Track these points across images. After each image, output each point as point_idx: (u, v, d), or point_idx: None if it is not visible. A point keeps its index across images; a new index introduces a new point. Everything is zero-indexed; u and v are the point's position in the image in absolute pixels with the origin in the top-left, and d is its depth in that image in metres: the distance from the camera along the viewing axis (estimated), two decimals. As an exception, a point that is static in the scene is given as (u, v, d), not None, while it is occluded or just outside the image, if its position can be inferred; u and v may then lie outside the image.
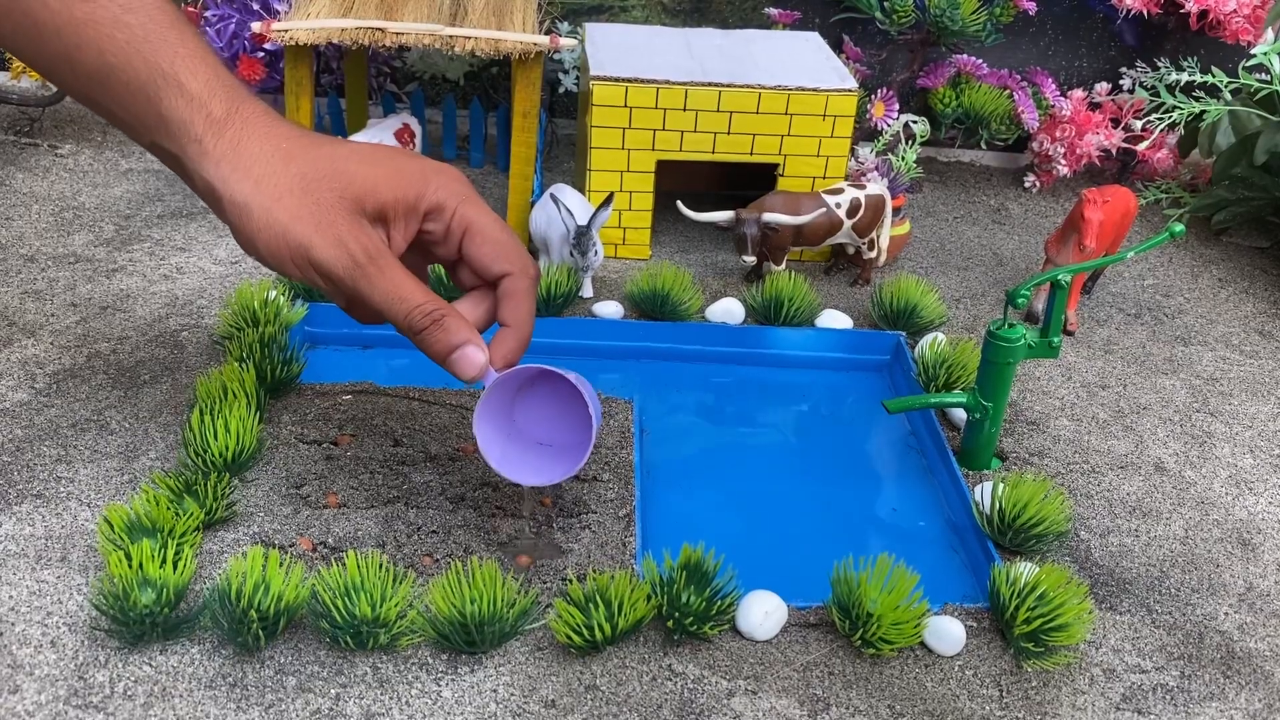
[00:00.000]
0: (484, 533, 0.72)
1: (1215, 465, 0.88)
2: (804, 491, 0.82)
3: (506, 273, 0.64)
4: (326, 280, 0.60)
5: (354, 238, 0.60)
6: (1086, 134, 1.28)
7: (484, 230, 0.63)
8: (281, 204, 0.59)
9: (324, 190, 0.59)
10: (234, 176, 0.59)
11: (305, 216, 0.59)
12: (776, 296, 0.97)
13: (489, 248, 0.64)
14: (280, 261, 0.60)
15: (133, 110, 0.60)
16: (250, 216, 0.59)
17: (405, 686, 0.62)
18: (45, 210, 1.10)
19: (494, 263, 0.64)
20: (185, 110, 0.59)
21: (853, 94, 1.04)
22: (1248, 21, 1.23)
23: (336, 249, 0.59)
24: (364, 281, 0.60)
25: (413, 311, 0.61)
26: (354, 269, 0.59)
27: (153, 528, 0.66)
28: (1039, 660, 0.66)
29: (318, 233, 0.59)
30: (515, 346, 0.65)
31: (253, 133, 0.60)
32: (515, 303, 0.64)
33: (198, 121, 0.60)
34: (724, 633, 0.66)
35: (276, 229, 0.59)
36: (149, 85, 0.59)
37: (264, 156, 0.60)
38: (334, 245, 0.59)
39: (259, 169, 0.59)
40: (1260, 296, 1.16)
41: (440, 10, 1.01)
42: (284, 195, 0.59)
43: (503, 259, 0.64)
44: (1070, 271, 0.79)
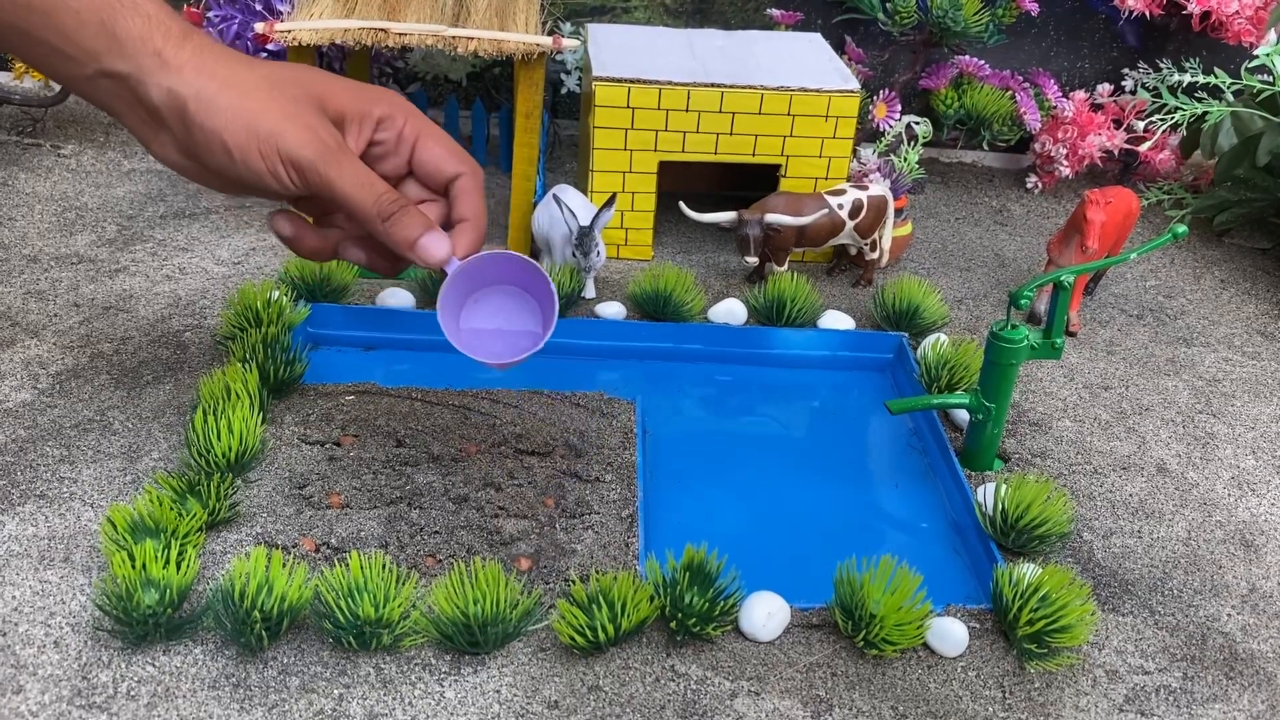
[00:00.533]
0: (487, 533, 0.72)
1: (1218, 466, 0.88)
2: (807, 492, 0.82)
3: (459, 172, 0.66)
4: (293, 168, 0.61)
5: (321, 126, 0.62)
6: (1089, 135, 1.28)
7: (435, 135, 0.66)
8: (250, 97, 0.60)
9: (290, 88, 0.62)
10: (198, 79, 0.60)
11: (274, 108, 0.61)
12: (779, 297, 0.97)
13: (442, 149, 0.66)
14: (246, 153, 0.60)
15: (77, 38, 0.59)
16: (218, 110, 0.60)
17: (408, 687, 0.62)
18: (48, 210, 1.10)
19: (447, 163, 0.66)
20: (143, 27, 0.60)
21: (855, 95, 1.04)
22: (1250, 23, 1.23)
23: (308, 134, 0.61)
24: (334, 167, 0.61)
25: (382, 196, 0.63)
26: (325, 153, 0.61)
27: (156, 528, 0.66)
28: (1042, 661, 0.66)
29: (288, 121, 0.61)
30: (475, 237, 0.67)
31: (211, 45, 0.62)
32: (469, 199, 0.67)
33: (156, 36, 0.60)
34: (727, 633, 0.66)
35: (246, 119, 0.60)
36: (102, 8, 0.59)
37: (228, 60, 0.61)
38: (305, 131, 0.61)
39: (224, 71, 0.61)
40: (1262, 298, 1.16)
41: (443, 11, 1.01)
42: (252, 90, 0.61)
43: (455, 160, 0.66)
44: (1073, 273, 0.79)
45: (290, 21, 0.97)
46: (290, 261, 0.95)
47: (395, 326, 0.93)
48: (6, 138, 1.25)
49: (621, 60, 1.05)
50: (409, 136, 0.66)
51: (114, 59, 0.60)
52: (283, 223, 0.67)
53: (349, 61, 1.20)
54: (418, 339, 0.94)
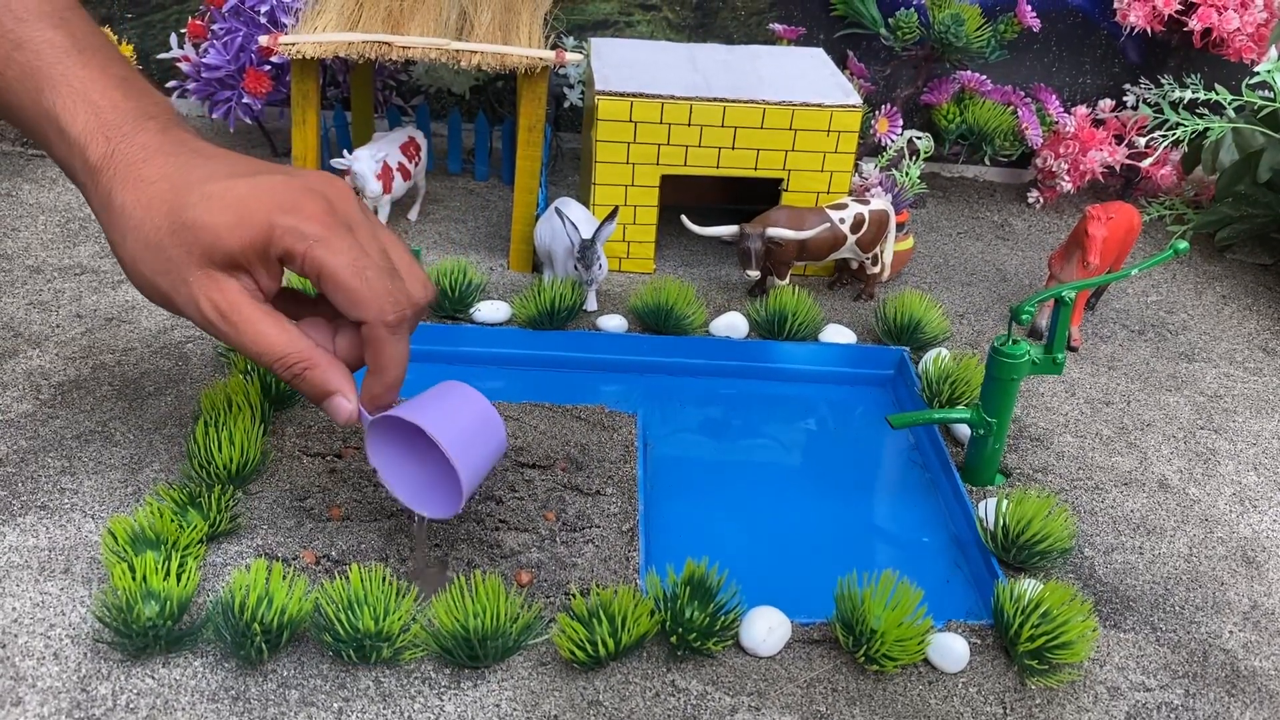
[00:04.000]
0: (487, 547, 0.72)
1: (1219, 482, 0.88)
2: (808, 507, 0.82)
3: (363, 319, 0.61)
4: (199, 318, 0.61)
5: (205, 295, 0.60)
6: (1090, 150, 1.29)
7: (333, 277, 0.60)
8: (144, 261, 0.60)
9: (174, 248, 0.60)
10: (111, 225, 0.61)
11: (161, 274, 0.60)
12: (780, 311, 0.97)
13: (340, 295, 0.61)
14: (152, 296, 0.62)
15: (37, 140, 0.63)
16: (126, 266, 0.62)
17: (408, 701, 0.61)
18: (51, 221, 1.11)
19: (349, 310, 0.61)
20: (68, 154, 0.61)
21: (857, 110, 1.04)
22: (1251, 40, 1.24)
23: (192, 307, 0.60)
24: (229, 334, 0.61)
25: (276, 363, 0.61)
26: (213, 325, 0.61)
27: (156, 540, 0.66)
28: (1043, 678, 0.66)
29: (174, 291, 0.60)
30: (380, 391, 0.64)
31: (122, 182, 0.60)
32: (375, 349, 0.63)
33: (78, 168, 0.61)
34: (727, 648, 0.66)
35: (145, 281, 0.61)
36: (40, 125, 0.62)
37: (129, 208, 0.60)
38: (189, 303, 0.60)
39: (124, 223, 0.60)
40: (1264, 313, 1.16)
41: (446, 24, 1.01)
42: (144, 252, 0.60)
43: (356, 307, 0.61)
44: (1074, 288, 0.79)
45: (294, 34, 0.97)
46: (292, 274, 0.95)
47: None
48: (11, 148, 1.25)
49: (624, 74, 1.05)
50: (310, 274, 0.61)
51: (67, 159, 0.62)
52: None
53: (352, 74, 1.20)
54: (419, 351, 0.93)
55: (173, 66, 1.22)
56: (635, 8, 1.33)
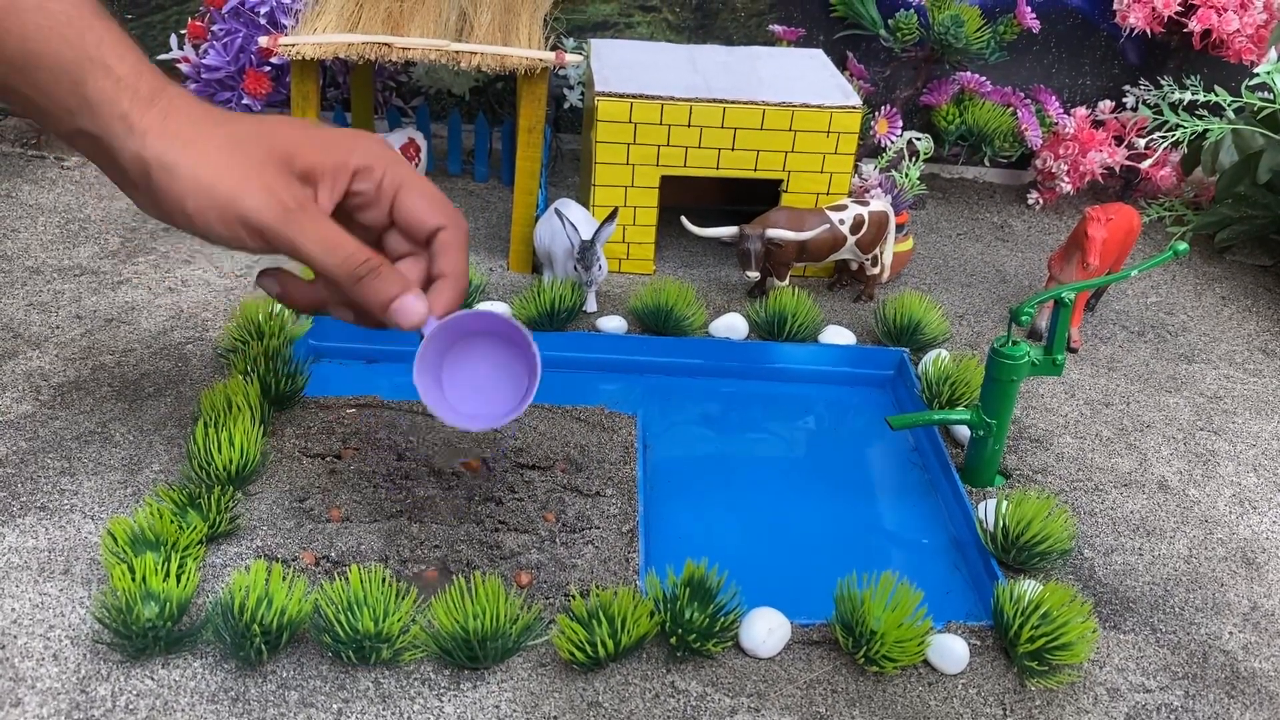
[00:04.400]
0: (487, 547, 0.72)
1: (1219, 484, 0.88)
2: (807, 508, 0.82)
3: (441, 226, 0.63)
4: (255, 234, 0.59)
5: (283, 187, 0.59)
6: (1090, 151, 1.29)
7: (417, 186, 0.63)
8: (209, 160, 0.59)
9: (252, 147, 0.59)
10: (162, 143, 0.59)
11: (233, 170, 0.59)
12: (780, 312, 0.97)
13: (424, 201, 0.63)
14: (207, 220, 0.59)
15: (54, 96, 0.59)
16: (178, 176, 0.58)
17: (408, 702, 0.61)
18: (51, 222, 1.11)
19: (429, 216, 0.63)
20: (111, 90, 0.59)
21: (857, 111, 1.04)
22: (1251, 41, 1.24)
23: (265, 195, 0.59)
24: (295, 228, 0.59)
25: (349, 258, 0.60)
26: (284, 215, 0.59)
27: (156, 541, 0.66)
28: (1043, 679, 0.66)
29: (245, 183, 0.58)
30: (453, 296, 0.64)
31: (180, 104, 0.60)
32: (451, 254, 0.64)
33: (124, 99, 0.59)
34: (727, 650, 0.66)
35: (204, 183, 0.58)
36: (73, 69, 0.58)
37: (193, 121, 0.59)
38: (262, 192, 0.59)
39: (188, 133, 0.59)
40: (1263, 314, 1.16)
41: (446, 26, 1.01)
42: (212, 153, 0.59)
43: (437, 212, 0.63)
44: (1074, 289, 0.79)
45: (294, 35, 0.97)
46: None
47: (397, 340, 0.93)
48: (10, 149, 1.25)
49: (624, 75, 1.05)
50: (389, 188, 0.63)
51: (86, 120, 0.59)
52: (268, 281, 0.65)
53: (352, 75, 1.20)
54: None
55: (172, 67, 1.22)
56: (635, 9, 1.33)
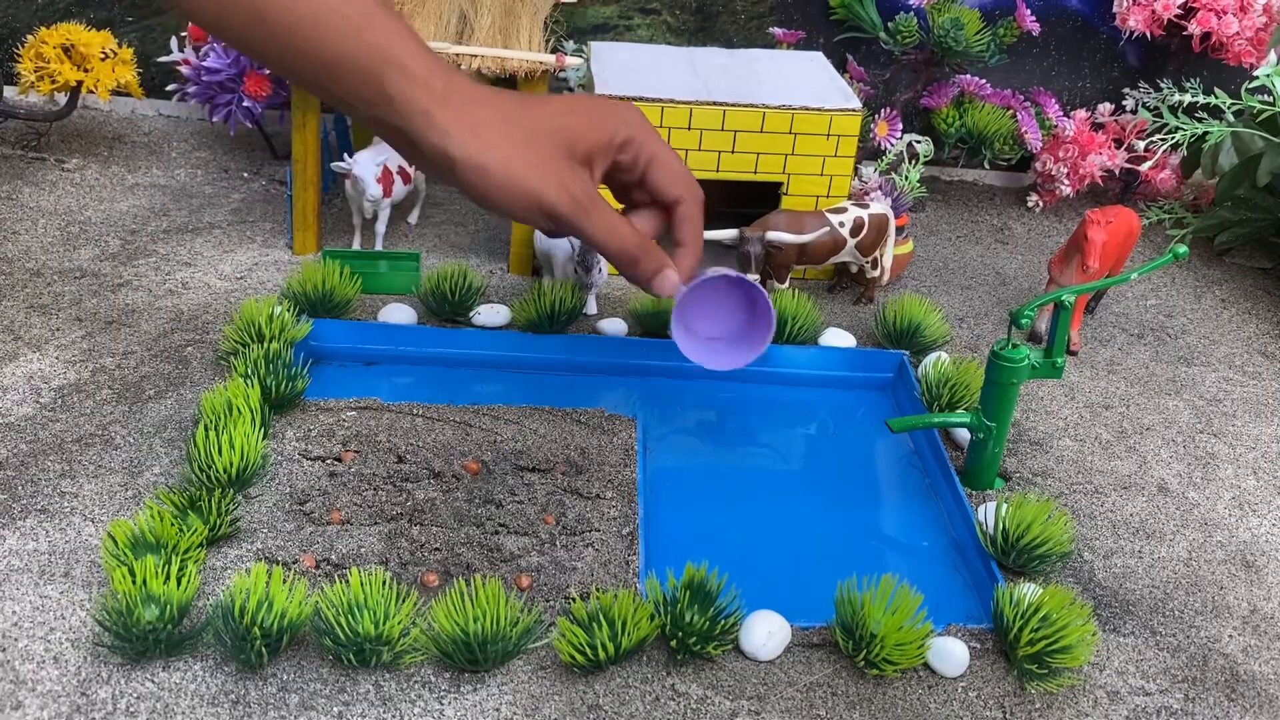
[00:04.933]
0: (487, 550, 0.72)
1: (1219, 487, 0.88)
2: (807, 511, 0.82)
3: (681, 198, 0.74)
4: (550, 218, 0.70)
5: (575, 183, 0.69)
6: (1089, 154, 1.29)
7: (665, 161, 0.74)
8: (511, 159, 0.67)
9: (543, 144, 0.69)
10: (465, 140, 0.67)
11: (533, 169, 0.68)
12: (780, 314, 0.97)
13: (670, 176, 0.74)
14: (511, 208, 0.69)
15: (357, 92, 0.66)
16: (488, 174, 0.67)
17: (408, 705, 0.61)
18: (51, 225, 1.11)
19: (671, 189, 0.74)
20: (410, 88, 0.66)
21: (856, 113, 1.04)
22: (1250, 44, 1.24)
23: (561, 193, 0.68)
24: (585, 218, 0.70)
25: (625, 239, 0.72)
26: (577, 209, 0.69)
27: (156, 543, 0.66)
28: (1043, 682, 0.66)
29: (544, 182, 0.68)
30: (692, 261, 0.76)
31: (473, 100, 0.68)
32: (690, 224, 0.75)
33: (422, 96, 0.66)
34: (727, 653, 0.66)
35: (512, 182, 0.68)
36: (372, 69, 0.65)
37: (488, 121, 0.68)
38: (559, 190, 0.68)
39: (486, 133, 0.67)
40: (1263, 317, 1.16)
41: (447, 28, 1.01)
42: (513, 153, 0.68)
43: (680, 186, 0.74)
44: (1074, 292, 0.79)
45: (295, 38, 0.97)
46: (292, 277, 0.95)
47: (397, 342, 0.94)
48: (11, 152, 1.25)
49: (624, 78, 1.05)
50: (643, 160, 0.73)
51: (386, 113, 0.66)
52: None
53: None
54: (419, 354, 0.94)
55: (173, 70, 1.22)
56: (635, 11, 1.33)
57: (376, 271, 1.00)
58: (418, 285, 0.99)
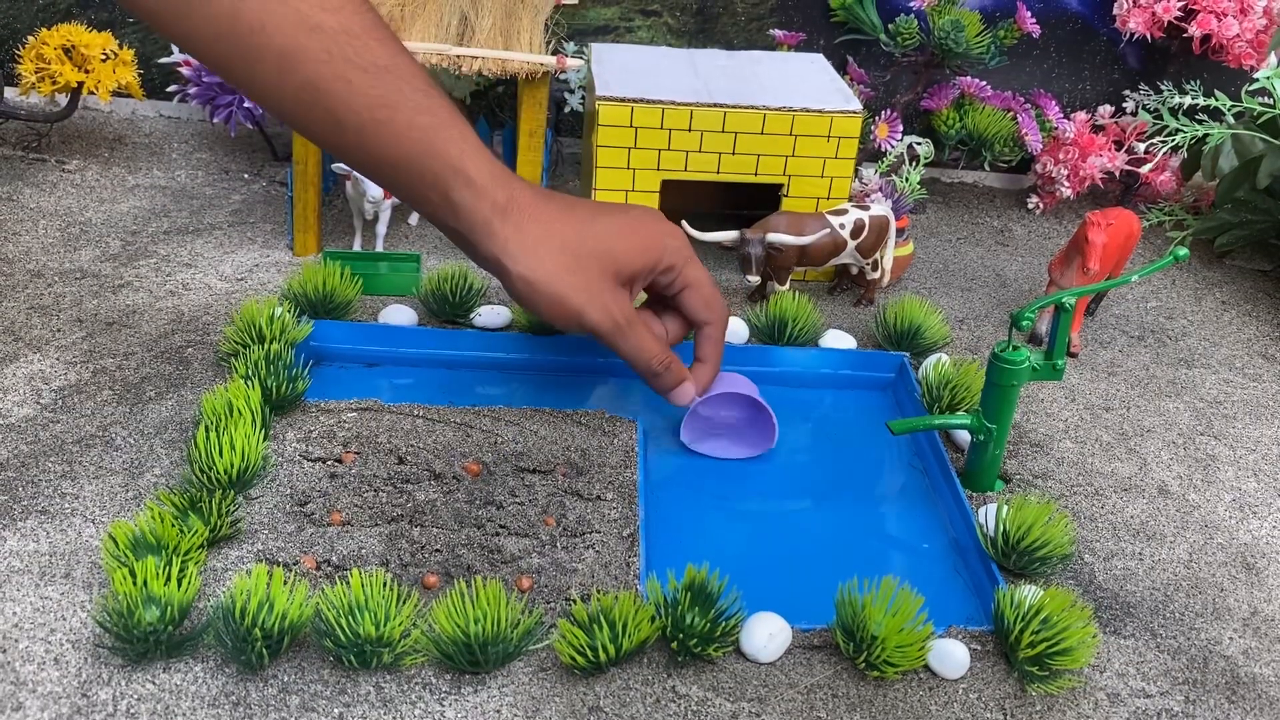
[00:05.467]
0: (488, 552, 0.72)
1: (1219, 489, 0.88)
2: (808, 513, 0.82)
3: (706, 323, 0.82)
4: (588, 333, 0.76)
5: (615, 305, 0.76)
6: (1090, 156, 1.29)
7: (700, 288, 0.81)
8: (560, 280, 0.74)
9: (591, 266, 0.75)
10: (519, 255, 0.73)
11: (578, 290, 0.75)
12: (780, 316, 0.97)
13: (702, 301, 0.82)
14: (552, 318, 0.76)
15: (423, 195, 0.73)
16: (536, 289, 0.74)
17: (408, 706, 0.61)
18: (52, 225, 1.11)
19: (701, 312, 0.82)
20: (473, 200, 0.72)
21: (857, 115, 1.04)
22: (1250, 46, 1.24)
23: (603, 314, 0.76)
24: (620, 338, 0.77)
25: (652, 360, 0.79)
26: (615, 330, 0.76)
27: (157, 544, 0.66)
28: (1043, 684, 0.66)
29: (589, 303, 0.75)
30: (710, 376, 0.83)
31: (529, 217, 0.74)
32: (712, 344, 0.83)
33: (484, 208, 0.72)
34: (728, 654, 0.66)
35: (557, 299, 0.74)
36: (440, 177, 0.71)
37: (542, 239, 0.74)
38: (600, 311, 0.75)
39: (540, 251, 0.74)
40: (1264, 319, 1.16)
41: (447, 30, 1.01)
42: (561, 273, 0.74)
43: (709, 311, 0.82)
44: (1074, 294, 0.79)
45: (296, 40, 0.97)
46: (293, 279, 0.95)
47: (398, 343, 0.94)
48: (12, 153, 1.25)
49: (625, 80, 1.05)
50: (680, 284, 0.81)
51: (450, 218, 0.73)
52: None
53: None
54: (420, 356, 0.94)
55: (174, 71, 1.22)
56: (636, 13, 1.33)
57: (377, 273, 1.00)
58: (418, 286, 0.99)
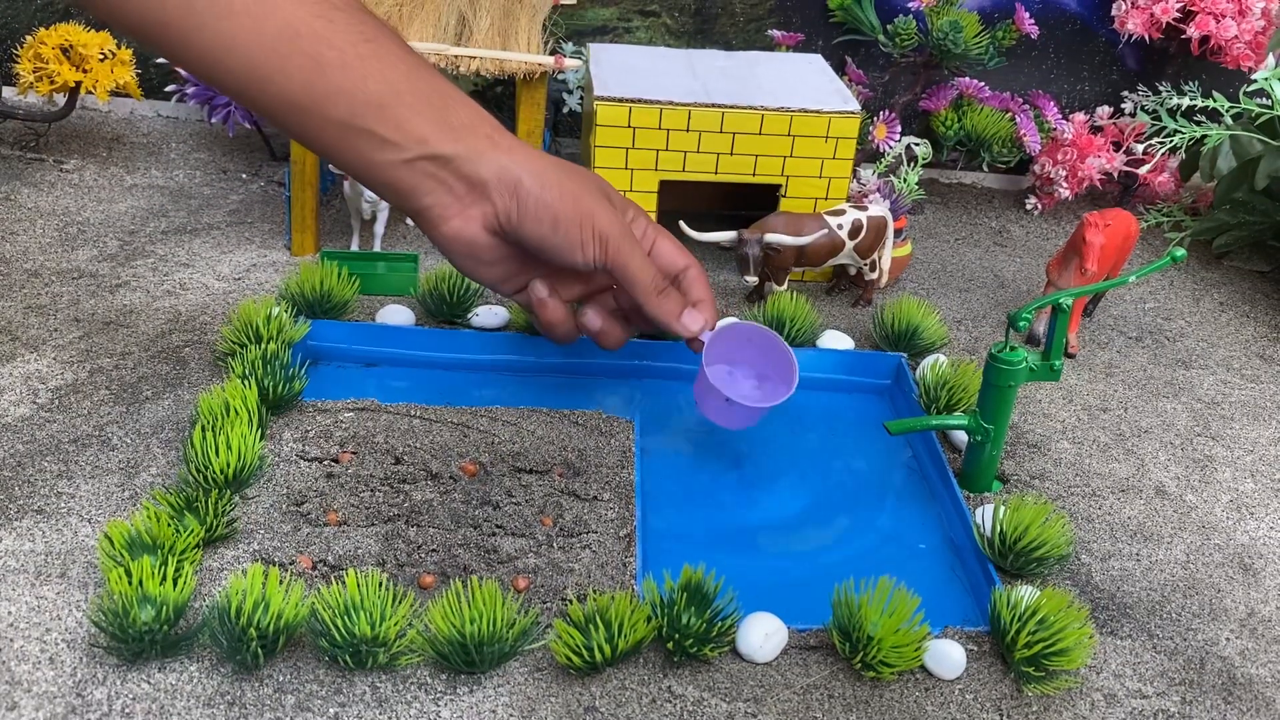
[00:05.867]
0: (484, 552, 0.72)
1: (1216, 489, 0.88)
2: (804, 513, 0.82)
3: (688, 265, 0.82)
4: (601, 242, 0.74)
5: (615, 221, 0.75)
6: (1088, 157, 1.29)
7: (667, 236, 0.82)
8: (573, 180, 0.74)
9: (590, 182, 0.76)
10: (528, 161, 0.72)
11: (589, 193, 0.74)
12: (778, 317, 0.97)
13: (673, 247, 0.82)
14: (570, 224, 0.73)
15: (410, 127, 0.69)
16: (551, 187, 0.72)
17: (404, 706, 0.61)
18: (49, 225, 1.11)
19: (678, 258, 0.81)
20: (473, 116, 0.72)
21: (855, 116, 1.04)
22: (1249, 47, 1.24)
23: (613, 218, 0.75)
24: (628, 245, 0.75)
25: (657, 275, 0.78)
26: (624, 234, 0.75)
27: (153, 544, 0.66)
28: (1040, 685, 0.66)
29: (599, 205, 0.74)
30: (712, 313, 0.82)
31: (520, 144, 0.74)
32: (700, 285, 0.82)
33: (485, 124, 0.72)
34: (724, 655, 0.66)
35: (573, 196, 0.73)
36: (436, 98, 0.70)
37: (540, 156, 0.74)
38: (611, 214, 0.75)
39: (541, 160, 0.73)
40: (1261, 320, 1.16)
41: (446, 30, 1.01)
42: (571, 175, 0.74)
43: (683, 255, 0.82)
44: (1072, 295, 0.79)
45: (293, 39, 0.97)
46: (290, 278, 0.95)
47: (395, 343, 0.94)
48: (9, 152, 1.25)
49: (623, 80, 1.05)
50: (650, 235, 0.81)
51: (444, 143, 0.70)
52: (541, 286, 0.79)
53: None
54: (418, 356, 0.94)
55: (172, 71, 1.22)
56: (634, 13, 1.33)
57: (375, 273, 1.00)
58: (416, 286, 0.99)
